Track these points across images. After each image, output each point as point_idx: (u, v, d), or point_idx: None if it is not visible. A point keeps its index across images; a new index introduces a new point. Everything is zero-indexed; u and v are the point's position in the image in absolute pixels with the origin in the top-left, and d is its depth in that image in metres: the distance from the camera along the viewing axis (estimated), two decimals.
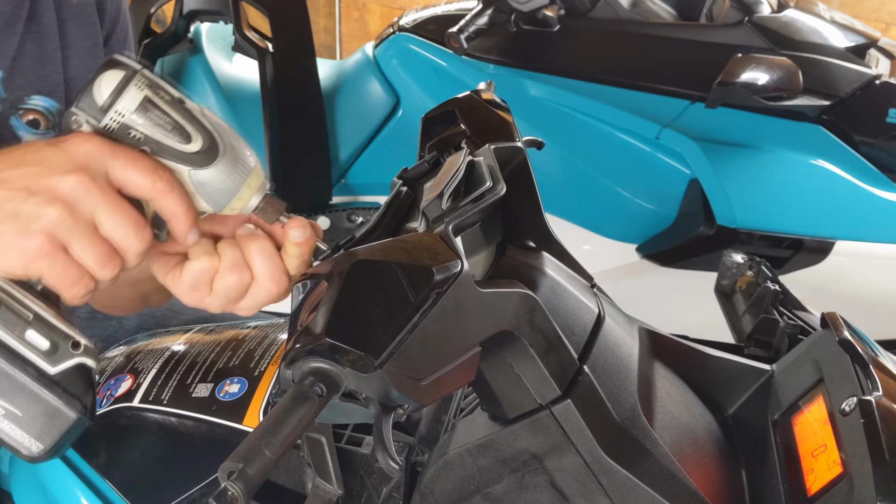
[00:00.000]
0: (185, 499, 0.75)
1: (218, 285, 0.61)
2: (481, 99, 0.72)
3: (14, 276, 0.52)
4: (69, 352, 0.53)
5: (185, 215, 0.56)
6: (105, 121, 0.53)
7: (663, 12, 1.91)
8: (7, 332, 0.51)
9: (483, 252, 0.63)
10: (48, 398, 0.52)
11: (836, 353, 0.58)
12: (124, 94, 0.53)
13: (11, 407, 0.51)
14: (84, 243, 0.52)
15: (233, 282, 0.60)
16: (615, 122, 1.84)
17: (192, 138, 0.55)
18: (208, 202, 0.57)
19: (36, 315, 0.52)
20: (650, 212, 1.88)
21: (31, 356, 0.52)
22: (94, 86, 0.53)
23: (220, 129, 0.57)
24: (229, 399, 0.79)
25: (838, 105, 1.72)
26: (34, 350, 0.52)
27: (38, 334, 0.52)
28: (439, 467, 0.57)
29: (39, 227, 0.50)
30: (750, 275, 0.95)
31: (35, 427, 0.52)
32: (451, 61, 1.94)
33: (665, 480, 0.53)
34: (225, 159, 0.56)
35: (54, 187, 0.50)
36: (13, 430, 0.51)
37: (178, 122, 0.54)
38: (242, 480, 0.38)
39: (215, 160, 0.55)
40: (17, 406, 0.51)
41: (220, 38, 2.30)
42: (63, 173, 0.51)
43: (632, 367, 0.59)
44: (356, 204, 2.17)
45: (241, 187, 0.57)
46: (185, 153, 0.55)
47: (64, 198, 0.51)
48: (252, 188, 0.58)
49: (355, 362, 0.43)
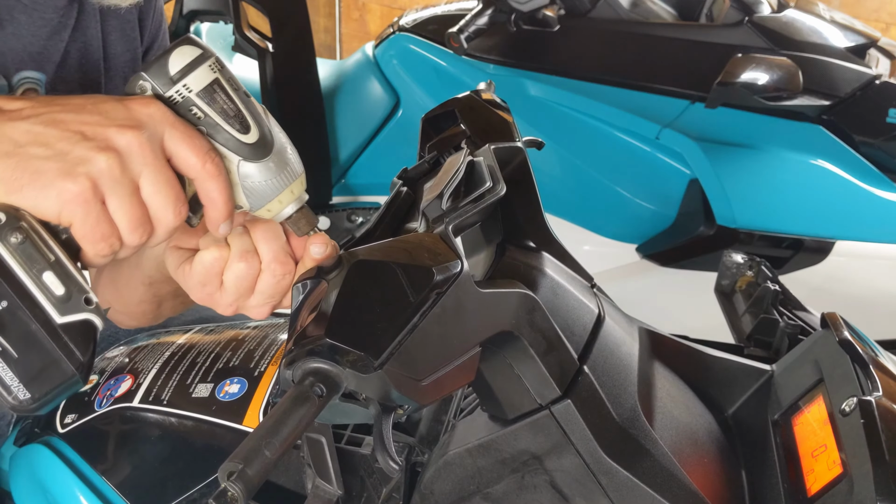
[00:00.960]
0: (185, 499, 0.75)
1: (228, 277, 0.60)
2: (481, 99, 0.72)
3: (45, 216, 0.50)
4: (81, 304, 0.51)
5: (223, 204, 0.55)
6: (171, 92, 0.53)
7: (663, 12, 1.92)
8: (25, 269, 0.49)
9: (483, 252, 0.63)
10: (49, 346, 0.49)
11: (836, 353, 0.58)
12: (196, 70, 0.53)
13: (9, 346, 0.48)
14: (123, 200, 0.51)
15: (242, 270, 0.60)
16: (615, 122, 1.84)
17: (249, 129, 0.55)
18: (248, 198, 0.57)
19: (57, 259, 0.50)
20: (650, 212, 1.88)
21: (42, 299, 0.50)
22: (169, 56, 0.53)
23: (277, 129, 0.57)
24: (229, 399, 0.79)
25: (838, 105, 1.72)
26: (47, 293, 0.50)
27: (56, 278, 0.50)
28: (439, 467, 0.57)
29: (85, 171, 0.49)
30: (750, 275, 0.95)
31: (28, 373, 0.49)
32: (451, 61, 1.94)
33: (665, 480, 0.53)
34: (275, 159, 0.56)
35: (110, 138, 0.50)
36: (4, 370, 0.48)
37: (241, 111, 0.55)
38: (242, 481, 0.38)
39: (266, 157, 0.55)
40: (14, 346, 0.48)
41: (220, 38, 2.30)
42: (121, 127, 0.50)
43: (632, 367, 0.59)
44: (356, 204, 2.17)
45: (283, 190, 0.57)
46: (240, 142, 0.55)
47: (117, 149, 0.50)
48: (293, 194, 0.58)
49: (355, 363, 0.43)
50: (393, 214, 0.62)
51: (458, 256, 0.48)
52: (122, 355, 0.93)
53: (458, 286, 0.47)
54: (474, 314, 0.49)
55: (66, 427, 0.84)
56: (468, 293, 0.48)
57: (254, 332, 0.91)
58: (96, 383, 0.88)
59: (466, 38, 1.73)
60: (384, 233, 0.60)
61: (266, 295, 0.61)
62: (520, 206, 0.63)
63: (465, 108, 0.72)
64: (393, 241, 0.51)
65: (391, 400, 0.45)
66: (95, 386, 0.88)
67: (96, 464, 0.79)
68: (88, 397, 0.87)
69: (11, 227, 0.49)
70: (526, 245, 0.63)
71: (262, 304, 0.62)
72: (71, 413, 0.85)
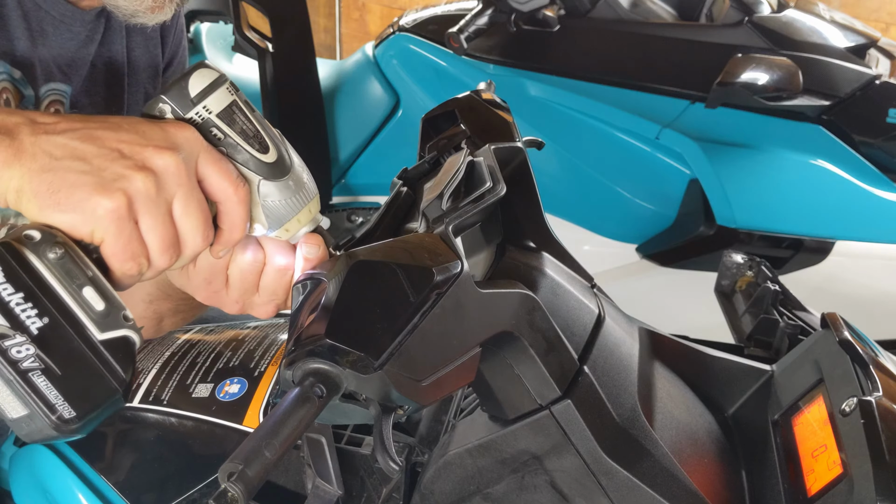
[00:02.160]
0: (185, 499, 0.75)
1: (232, 272, 0.61)
2: (481, 99, 0.72)
3: (78, 233, 0.50)
4: (120, 321, 0.50)
5: (241, 230, 0.56)
6: (191, 113, 0.54)
7: (663, 12, 1.91)
8: (65, 284, 0.48)
9: (483, 252, 0.63)
10: (93, 363, 0.48)
11: (836, 354, 0.58)
12: (215, 93, 0.54)
13: (52, 363, 0.46)
14: (156, 220, 0.51)
15: (246, 265, 0.60)
16: (615, 122, 1.84)
17: (268, 149, 0.56)
18: (267, 218, 0.57)
19: (94, 275, 0.50)
20: (650, 212, 1.88)
21: (83, 316, 0.49)
22: (188, 79, 0.54)
23: (290, 149, 0.58)
24: (229, 399, 0.79)
25: (838, 105, 1.72)
26: (87, 309, 0.49)
27: (96, 294, 0.49)
28: (439, 468, 0.57)
29: (121, 188, 0.49)
30: (750, 275, 0.95)
31: (73, 391, 0.47)
32: (451, 61, 1.94)
33: (665, 480, 0.53)
34: (293, 177, 0.57)
35: (147, 158, 0.50)
36: (48, 388, 0.46)
37: (259, 131, 0.56)
38: (242, 481, 0.38)
39: (285, 176, 0.57)
40: (57, 363, 0.47)
41: (220, 38, 2.30)
42: (159, 148, 0.51)
43: (632, 367, 0.59)
44: (356, 204, 2.17)
45: (301, 209, 0.58)
46: (260, 162, 0.56)
47: (154, 170, 0.50)
48: (311, 213, 0.59)
49: (355, 363, 0.43)
50: (393, 214, 0.62)
51: (459, 257, 0.48)
52: None
53: (459, 286, 0.47)
54: (474, 314, 0.49)
55: None
56: (468, 293, 0.48)
57: (254, 332, 0.91)
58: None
59: (466, 38, 1.72)
60: (384, 233, 0.60)
61: (270, 291, 0.61)
62: (520, 206, 0.63)
63: (465, 108, 0.72)
64: (393, 241, 0.51)
65: (391, 400, 0.45)
66: None
67: (96, 463, 0.79)
68: None
69: (49, 242, 0.48)
70: (526, 245, 0.63)
71: (267, 302, 0.62)
72: None
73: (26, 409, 0.46)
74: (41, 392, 0.46)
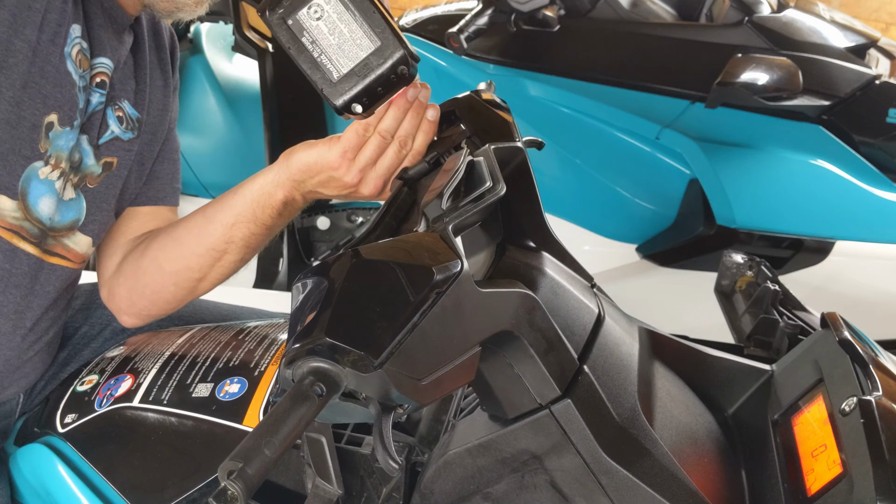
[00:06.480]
0: (185, 499, 0.75)
1: (364, 150, 0.73)
2: (481, 99, 0.72)
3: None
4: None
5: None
6: None
7: (663, 12, 1.91)
8: None
9: (483, 252, 0.63)
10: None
11: (836, 353, 0.58)
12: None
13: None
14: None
15: (376, 142, 0.72)
16: (615, 122, 1.84)
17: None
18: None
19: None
20: (650, 212, 1.88)
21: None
22: None
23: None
24: (229, 399, 0.79)
25: (838, 105, 1.72)
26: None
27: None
28: (439, 467, 0.57)
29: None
30: (750, 275, 0.95)
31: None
32: (451, 61, 1.94)
33: (665, 480, 0.53)
34: None
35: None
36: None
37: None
38: (242, 480, 0.38)
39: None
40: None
41: (220, 38, 2.30)
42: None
43: (632, 367, 0.59)
44: (356, 204, 2.17)
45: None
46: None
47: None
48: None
49: (355, 362, 0.43)
50: (393, 214, 0.62)
51: (458, 256, 0.48)
52: (122, 355, 0.93)
53: (458, 286, 0.47)
54: (474, 314, 0.49)
55: (67, 427, 0.84)
56: (468, 293, 0.48)
57: (254, 332, 0.91)
58: (96, 383, 0.88)
59: (466, 38, 1.72)
60: (384, 233, 0.60)
61: (383, 167, 0.74)
62: (520, 205, 0.63)
63: (465, 108, 0.72)
64: (393, 240, 0.51)
65: (391, 399, 0.45)
66: (95, 386, 0.88)
67: (96, 463, 0.79)
68: (88, 397, 0.87)
69: None
70: (526, 245, 0.63)
71: (378, 177, 0.75)
72: (71, 413, 0.85)
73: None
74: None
